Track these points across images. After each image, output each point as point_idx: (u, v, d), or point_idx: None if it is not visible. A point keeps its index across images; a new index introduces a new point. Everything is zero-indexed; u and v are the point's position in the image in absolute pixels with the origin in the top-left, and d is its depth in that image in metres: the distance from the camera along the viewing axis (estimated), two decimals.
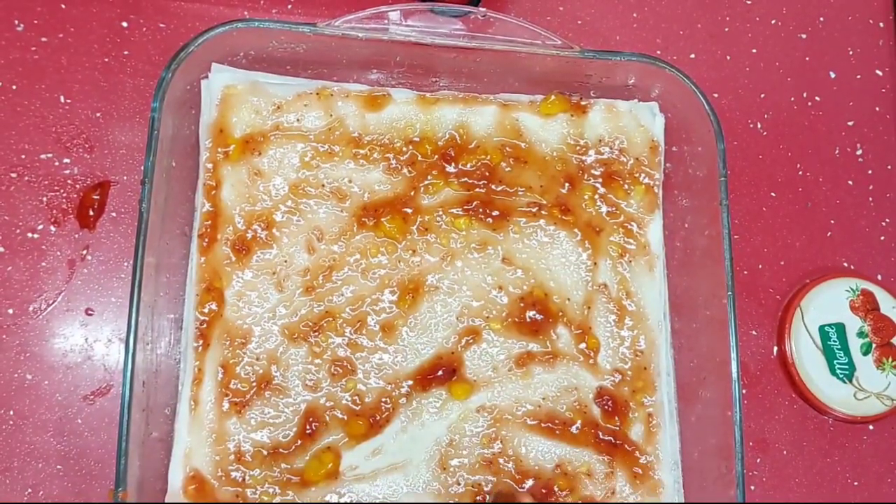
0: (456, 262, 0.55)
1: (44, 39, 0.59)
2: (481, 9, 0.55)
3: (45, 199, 0.56)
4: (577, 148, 0.58)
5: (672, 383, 0.56)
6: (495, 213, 0.56)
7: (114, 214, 0.57)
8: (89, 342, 0.55)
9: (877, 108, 0.70)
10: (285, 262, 0.54)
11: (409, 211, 0.55)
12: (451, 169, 0.57)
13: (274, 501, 0.50)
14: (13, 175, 0.56)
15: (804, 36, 0.71)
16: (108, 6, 0.60)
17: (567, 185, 0.58)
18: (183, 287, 0.53)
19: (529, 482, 0.52)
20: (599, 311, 0.56)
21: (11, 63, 0.58)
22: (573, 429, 0.54)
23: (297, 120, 0.56)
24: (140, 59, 0.59)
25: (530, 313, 0.55)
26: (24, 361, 0.53)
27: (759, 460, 0.59)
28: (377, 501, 0.51)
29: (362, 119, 0.56)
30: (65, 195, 0.57)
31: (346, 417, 0.52)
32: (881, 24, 0.72)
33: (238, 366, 0.51)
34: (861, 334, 0.63)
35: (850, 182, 0.68)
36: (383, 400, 0.52)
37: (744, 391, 0.51)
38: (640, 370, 0.55)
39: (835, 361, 0.62)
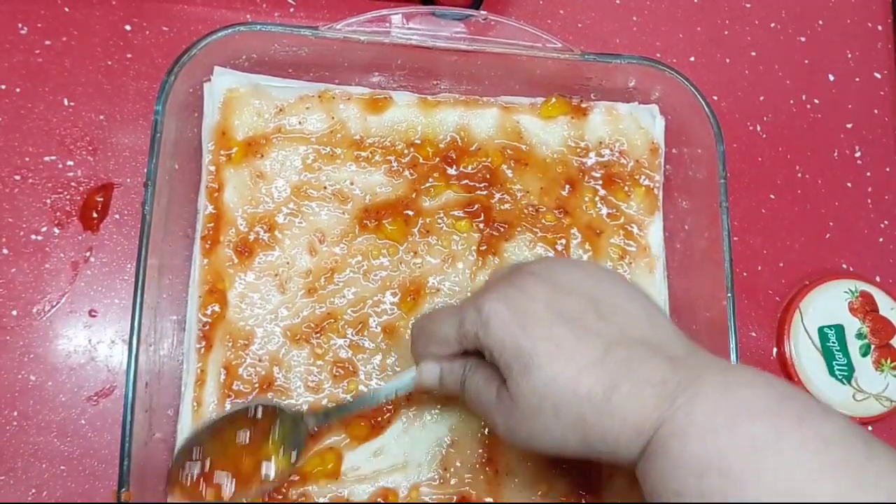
0: (457, 264, 0.55)
1: (47, 42, 0.59)
2: (482, 12, 0.55)
3: (48, 201, 0.56)
4: (578, 150, 0.59)
5: None
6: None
7: (117, 216, 0.57)
8: (93, 343, 0.55)
9: (875, 111, 0.70)
10: (287, 263, 0.54)
11: (411, 213, 0.56)
12: (452, 171, 0.57)
13: (275, 501, 0.50)
14: (17, 177, 0.56)
15: (803, 39, 0.71)
16: (111, 9, 0.60)
17: (567, 187, 0.58)
18: (186, 289, 0.53)
19: None
20: None
21: (15, 66, 0.58)
22: None
23: (299, 122, 0.56)
24: (143, 62, 0.60)
25: None
26: (27, 363, 0.54)
27: None
28: (377, 501, 0.51)
29: (364, 121, 0.57)
30: (68, 197, 0.57)
31: (347, 419, 0.52)
32: (879, 27, 0.72)
33: (240, 367, 0.52)
34: (860, 336, 0.63)
35: (849, 184, 0.68)
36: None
37: None
38: None
39: (834, 363, 0.62)
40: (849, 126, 0.69)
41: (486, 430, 0.53)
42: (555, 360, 0.38)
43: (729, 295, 0.53)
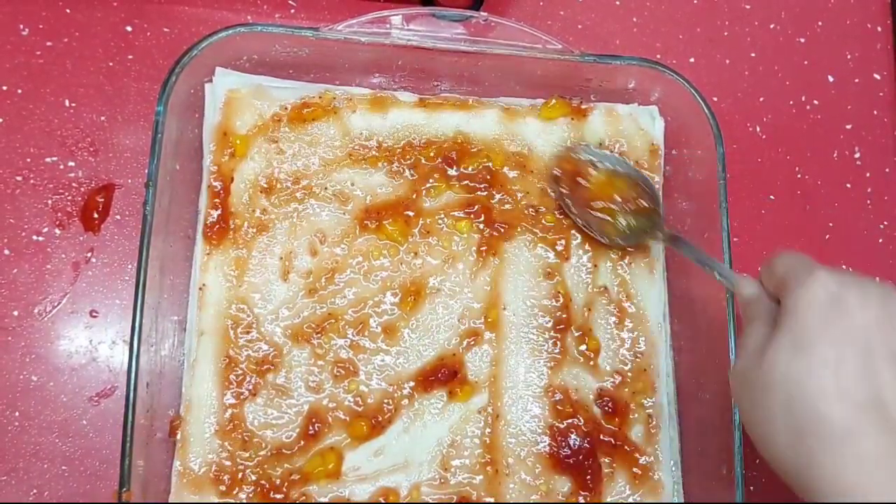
0: (457, 265, 0.56)
1: (49, 44, 0.59)
2: (482, 13, 0.55)
3: (50, 201, 0.57)
4: None
5: (672, 385, 0.57)
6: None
7: (118, 217, 0.57)
8: (94, 344, 0.55)
9: (875, 112, 0.70)
10: (288, 264, 0.54)
11: (411, 214, 0.56)
12: (452, 172, 0.57)
13: (275, 501, 0.50)
14: (18, 178, 0.57)
15: (803, 40, 0.71)
16: (113, 11, 0.61)
17: None
18: (186, 289, 0.53)
19: None
20: (600, 312, 0.56)
21: (17, 67, 0.58)
22: None
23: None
24: (144, 63, 0.60)
25: None
26: (29, 363, 0.54)
27: (758, 461, 0.60)
28: (378, 501, 0.51)
29: (365, 122, 0.57)
30: (69, 198, 0.57)
31: (348, 418, 0.52)
32: (879, 28, 0.72)
33: (241, 367, 0.52)
34: None
35: (849, 185, 0.68)
36: (385, 401, 0.53)
37: None
38: (640, 372, 0.56)
39: None
40: (848, 127, 0.70)
41: (487, 429, 0.53)
42: (823, 367, 0.36)
43: (729, 295, 0.53)
